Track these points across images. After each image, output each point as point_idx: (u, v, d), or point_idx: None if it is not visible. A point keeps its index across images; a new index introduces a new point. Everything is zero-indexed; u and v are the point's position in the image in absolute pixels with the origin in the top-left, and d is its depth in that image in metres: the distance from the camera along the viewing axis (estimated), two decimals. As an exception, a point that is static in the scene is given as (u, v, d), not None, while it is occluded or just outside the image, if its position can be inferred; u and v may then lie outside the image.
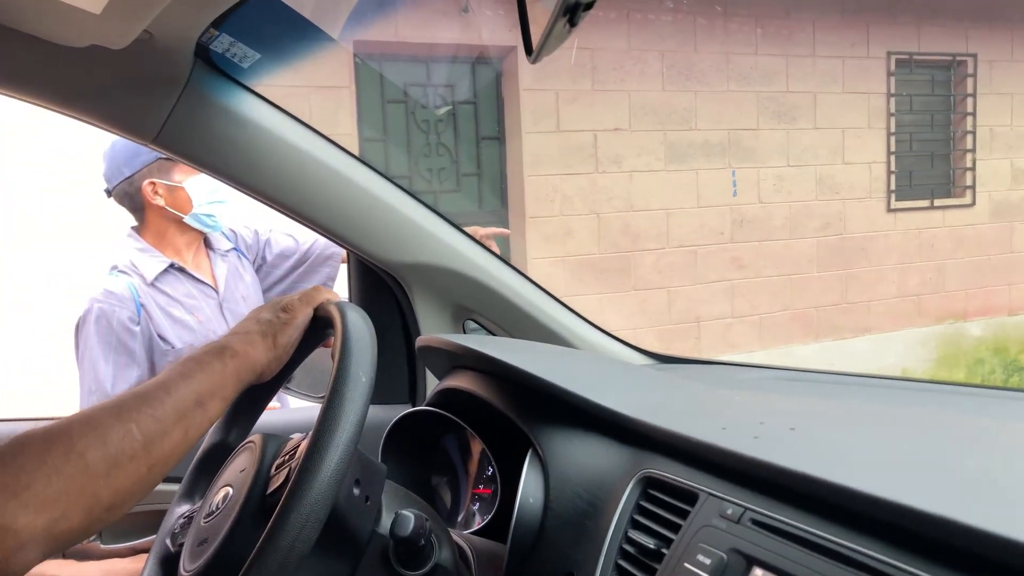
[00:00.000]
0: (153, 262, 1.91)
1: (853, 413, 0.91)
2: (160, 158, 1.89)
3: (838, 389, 1.26)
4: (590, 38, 5.29)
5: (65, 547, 0.64)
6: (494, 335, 1.41)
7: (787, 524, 0.62)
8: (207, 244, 2.05)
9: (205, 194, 1.93)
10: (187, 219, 1.94)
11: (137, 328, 1.82)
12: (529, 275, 1.41)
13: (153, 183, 1.91)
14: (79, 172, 3.73)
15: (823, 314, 6.05)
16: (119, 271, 1.89)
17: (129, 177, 1.91)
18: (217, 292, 2.00)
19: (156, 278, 1.90)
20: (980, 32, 6.40)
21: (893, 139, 6.21)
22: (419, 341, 1.12)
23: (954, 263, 6.49)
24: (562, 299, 1.42)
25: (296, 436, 0.81)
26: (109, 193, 1.96)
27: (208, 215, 1.96)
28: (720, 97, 5.67)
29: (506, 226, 5.43)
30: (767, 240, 5.88)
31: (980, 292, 6.54)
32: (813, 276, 6.03)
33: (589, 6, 0.62)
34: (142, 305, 1.85)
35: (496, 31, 5.10)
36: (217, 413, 0.78)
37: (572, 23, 0.64)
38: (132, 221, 2.00)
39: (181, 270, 1.95)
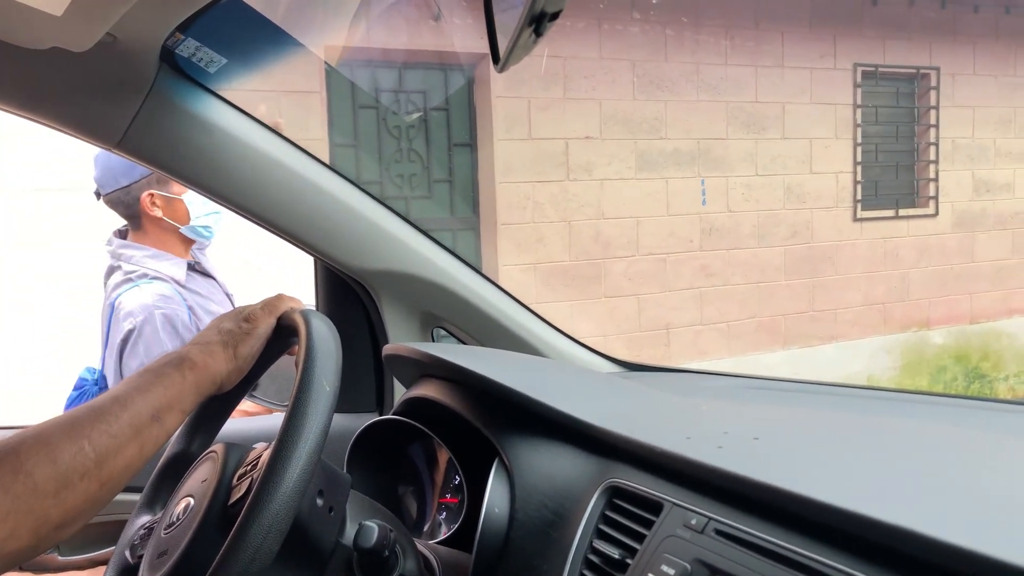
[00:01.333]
0: (172, 265, 1.90)
1: (817, 422, 0.92)
2: None
3: (803, 398, 1.27)
4: (561, 47, 5.31)
5: (15, 565, 0.63)
6: (464, 343, 1.40)
7: (750, 534, 0.62)
8: None
9: (202, 206, 1.92)
10: (183, 230, 1.93)
11: (194, 330, 1.82)
12: (500, 282, 1.41)
13: (152, 195, 1.88)
14: (79, 172, 3.71)
15: (790, 322, 6.12)
16: (152, 278, 1.86)
17: (126, 187, 1.89)
18: (221, 285, 2.02)
19: (187, 280, 1.90)
20: (943, 46, 6.53)
21: (859, 149, 6.31)
22: (386, 349, 1.11)
23: (918, 272, 6.60)
24: (532, 307, 1.42)
25: (259, 446, 0.80)
26: (99, 196, 1.94)
27: (205, 227, 1.95)
28: (690, 106, 5.72)
29: (478, 233, 5.43)
30: (736, 248, 5.93)
31: (943, 301, 6.66)
32: (781, 284, 6.10)
33: (555, 16, 0.62)
34: (190, 308, 1.85)
35: (468, 38, 5.11)
36: (174, 426, 0.77)
37: (538, 33, 0.64)
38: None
39: (194, 268, 1.96)
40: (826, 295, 6.25)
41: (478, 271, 1.40)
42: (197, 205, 1.91)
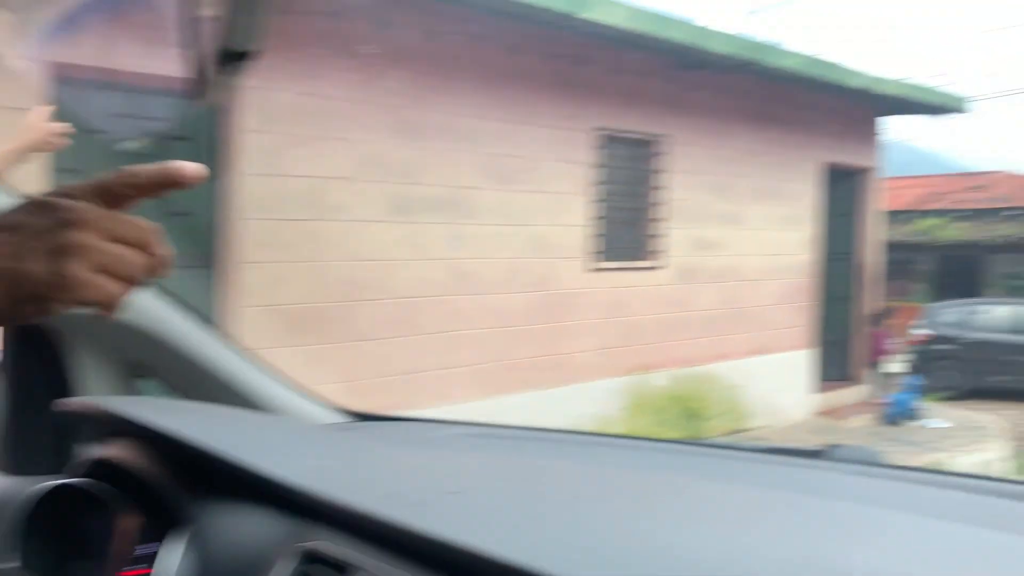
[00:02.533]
0: None
1: (522, 471, 0.94)
2: None
3: (522, 445, 1.31)
4: (318, 86, 5.23)
5: None
6: (171, 395, 1.29)
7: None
8: None
9: None
10: None
11: None
12: (238, 324, 1.32)
13: None
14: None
15: (533, 365, 6.40)
16: None
17: None
18: None
19: None
20: (671, 116, 7.29)
21: (598, 206, 6.82)
22: (59, 405, 0.99)
23: (645, 319, 7.21)
24: (270, 351, 1.34)
25: None
26: None
27: None
28: (444, 155, 5.86)
29: (216, 271, 5.12)
30: (483, 294, 6.12)
31: (664, 346, 7.31)
32: (523, 329, 6.37)
33: (245, 56, 0.59)
34: None
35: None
36: None
37: (229, 72, 0.61)
38: None
39: None
40: (565, 340, 6.62)
41: (197, 313, 1.29)
42: None
